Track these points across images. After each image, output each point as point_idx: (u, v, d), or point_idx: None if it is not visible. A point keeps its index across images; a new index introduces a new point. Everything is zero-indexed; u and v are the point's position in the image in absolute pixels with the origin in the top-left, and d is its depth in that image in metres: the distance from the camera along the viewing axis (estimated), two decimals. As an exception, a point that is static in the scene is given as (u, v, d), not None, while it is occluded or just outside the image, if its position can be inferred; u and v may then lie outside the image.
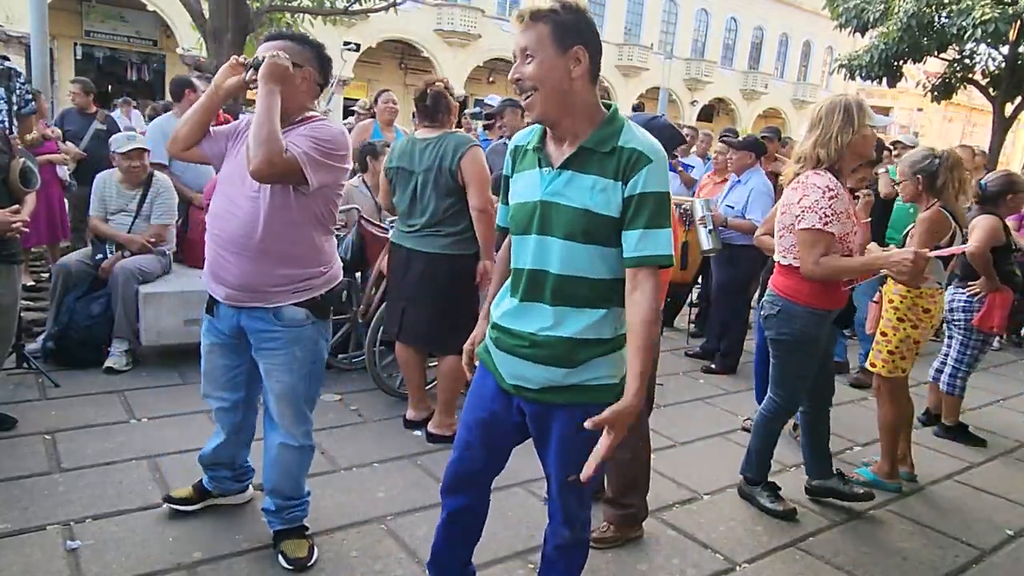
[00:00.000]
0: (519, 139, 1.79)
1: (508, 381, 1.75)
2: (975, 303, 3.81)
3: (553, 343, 1.66)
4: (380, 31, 23.73)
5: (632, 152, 1.59)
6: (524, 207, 1.69)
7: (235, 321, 2.27)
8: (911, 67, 13.88)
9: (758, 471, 3.05)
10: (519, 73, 1.60)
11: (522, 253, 1.70)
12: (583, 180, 1.61)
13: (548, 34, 1.57)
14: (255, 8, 7.98)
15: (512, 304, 1.73)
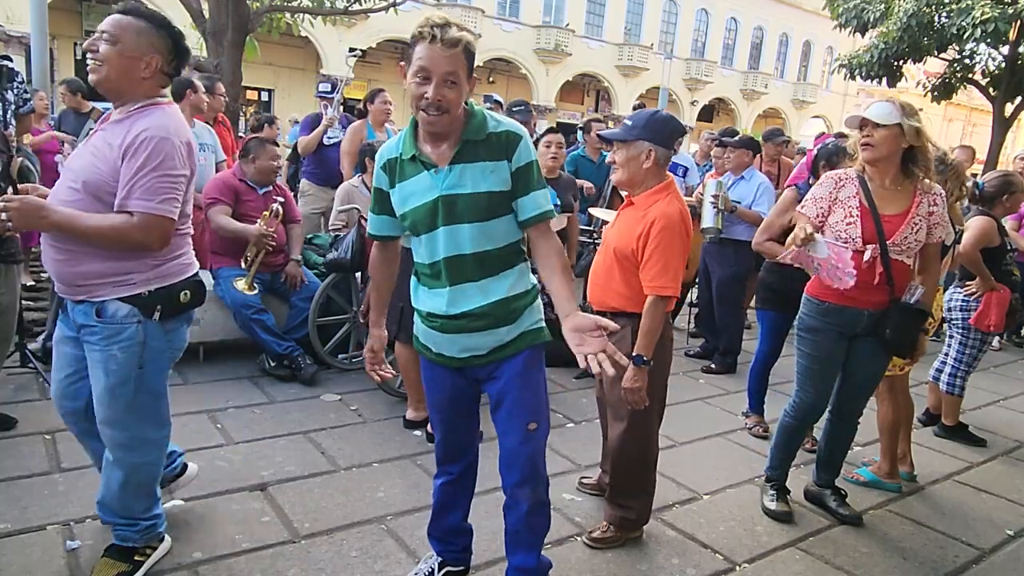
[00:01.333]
0: (388, 153, 1.94)
1: (459, 356, 1.98)
2: (972, 302, 3.81)
3: (491, 310, 1.91)
4: (380, 31, 23.70)
5: (505, 134, 1.86)
6: (421, 208, 1.87)
7: (72, 314, 2.13)
8: (911, 67, 13.88)
9: (771, 465, 3.08)
10: (442, 96, 1.74)
11: (432, 246, 1.89)
12: (476, 167, 1.84)
13: (464, 61, 1.77)
14: (255, 8, 7.97)
15: (443, 293, 1.92)
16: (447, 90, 1.75)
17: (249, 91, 22.11)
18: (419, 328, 2.06)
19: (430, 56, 1.74)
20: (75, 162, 2.06)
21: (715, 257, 5.03)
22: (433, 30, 1.74)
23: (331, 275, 4.23)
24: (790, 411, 2.99)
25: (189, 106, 4.78)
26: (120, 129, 1.99)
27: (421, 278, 2.01)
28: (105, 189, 1.98)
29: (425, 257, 1.94)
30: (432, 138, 1.86)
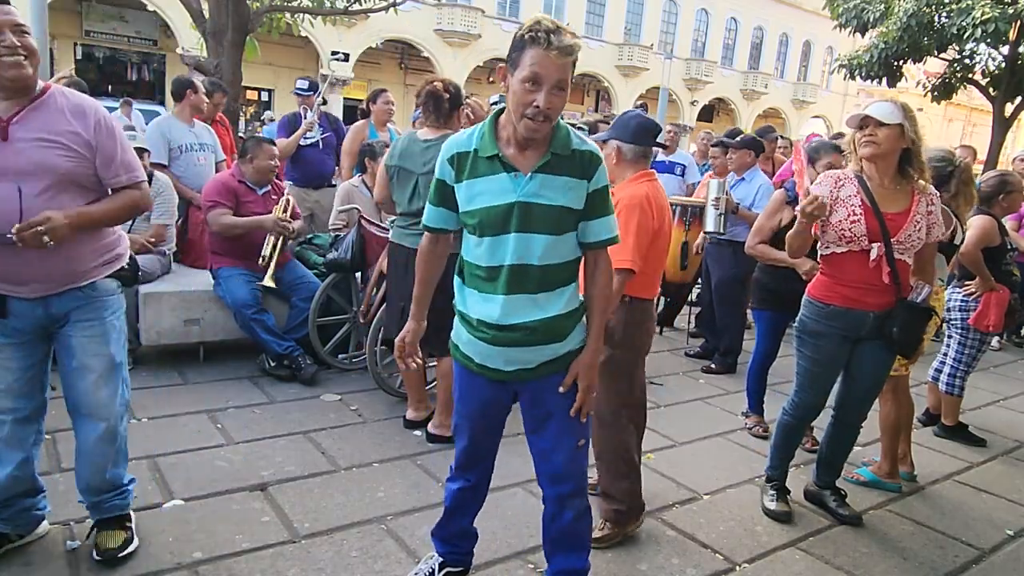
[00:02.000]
0: (457, 146, 1.88)
1: (507, 369, 1.93)
2: (971, 302, 3.81)
3: (547, 325, 1.88)
4: (380, 31, 23.73)
5: (589, 154, 1.86)
6: (495, 209, 1.82)
7: (39, 312, 2.08)
8: (911, 67, 13.87)
9: (771, 465, 3.07)
10: (551, 105, 1.72)
11: (498, 250, 1.84)
12: (556, 181, 1.82)
13: (572, 69, 1.75)
14: (255, 8, 7.96)
15: (497, 300, 1.86)
16: (555, 98, 1.73)
17: (249, 91, 22.12)
18: (462, 337, 1.99)
19: (543, 63, 1.70)
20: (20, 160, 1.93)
21: (715, 258, 5.04)
22: (549, 36, 1.69)
23: (331, 275, 4.23)
24: (789, 410, 2.99)
25: (189, 106, 4.79)
26: (56, 117, 1.99)
27: (471, 280, 1.94)
28: (85, 175, 2.05)
29: (484, 259, 1.87)
30: (521, 143, 1.82)
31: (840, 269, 2.73)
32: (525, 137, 1.79)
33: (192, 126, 4.80)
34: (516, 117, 1.77)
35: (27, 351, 2.14)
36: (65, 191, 2.01)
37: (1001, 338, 6.58)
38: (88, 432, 2.22)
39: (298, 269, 4.33)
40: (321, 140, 5.48)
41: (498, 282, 1.86)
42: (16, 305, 2.06)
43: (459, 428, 2.14)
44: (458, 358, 2.03)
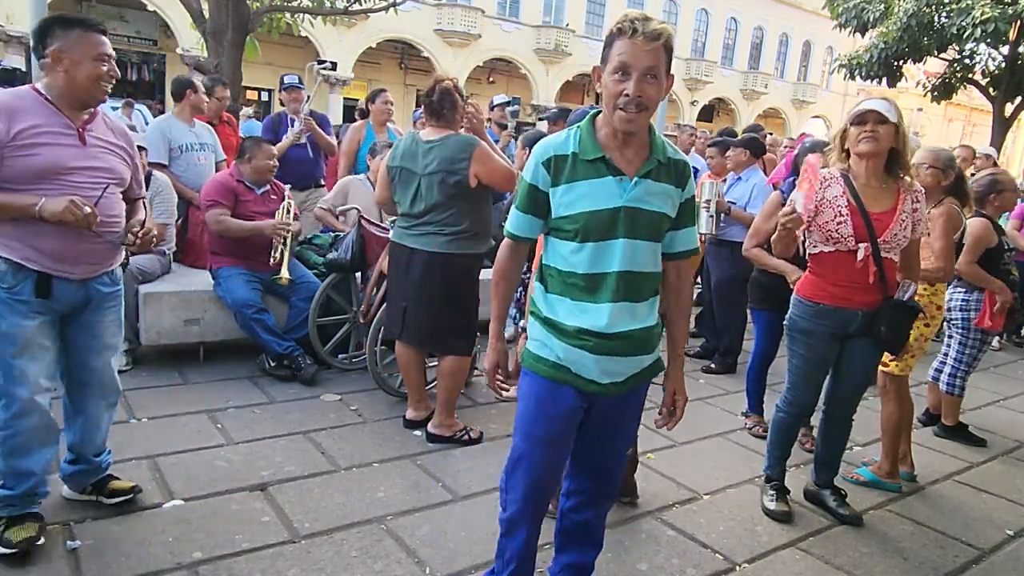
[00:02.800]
0: (555, 149, 1.80)
1: (600, 381, 1.87)
2: (972, 302, 3.81)
3: (644, 334, 1.87)
4: (380, 31, 23.72)
5: (682, 163, 1.86)
6: (600, 213, 1.76)
7: (80, 294, 2.34)
8: (911, 67, 13.89)
9: (768, 464, 3.08)
10: (642, 92, 1.67)
11: (604, 257, 1.79)
12: (658, 187, 1.81)
13: (664, 57, 1.70)
14: (255, 8, 7.97)
15: (602, 309, 1.80)
16: (647, 86, 1.68)
17: (249, 91, 22.11)
18: (555, 347, 1.85)
19: (631, 51, 1.66)
20: (97, 161, 2.31)
21: (714, 258, 5.05)
22: (634, 23, 1.66)
23: (331, 275, 4.23)
24: (783, 407, 3.00)
25: (189, 106, 4.79)
26: (107, 131, 2.39)
27: (563, 288, 1.84)
28: (127, 182, 2.47)
29: (584, 266, 1.79)
30: (621, 142, 1.78)
31: (828, 268, 2.74)
32: (622, 131, 1.74)
33: (192, 126, 4.79)
34: (610, 112, 1.73)
35: (56, 331, 2.37)
36: (116, 192, 2.40)
37: (1001, 338, 6.58)
38: (100, 404, 2.53)
39: (298, 269, 4.33)
40: (307, 139, 5.38)
41: (603, 290, 1.79)
42: (60, 287, 2.28)
43: (525, 463, 1.92)
44: (545, 371, 1.87)
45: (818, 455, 3.08)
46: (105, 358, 2.48)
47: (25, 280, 2.21)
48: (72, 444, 2.54)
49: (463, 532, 2.63)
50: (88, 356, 2.44)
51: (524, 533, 2.00)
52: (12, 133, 2.12)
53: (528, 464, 1.92)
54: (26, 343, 2.24)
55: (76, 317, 2.39)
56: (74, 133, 2.26)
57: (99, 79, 2.26)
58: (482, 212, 3.39)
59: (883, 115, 2.58)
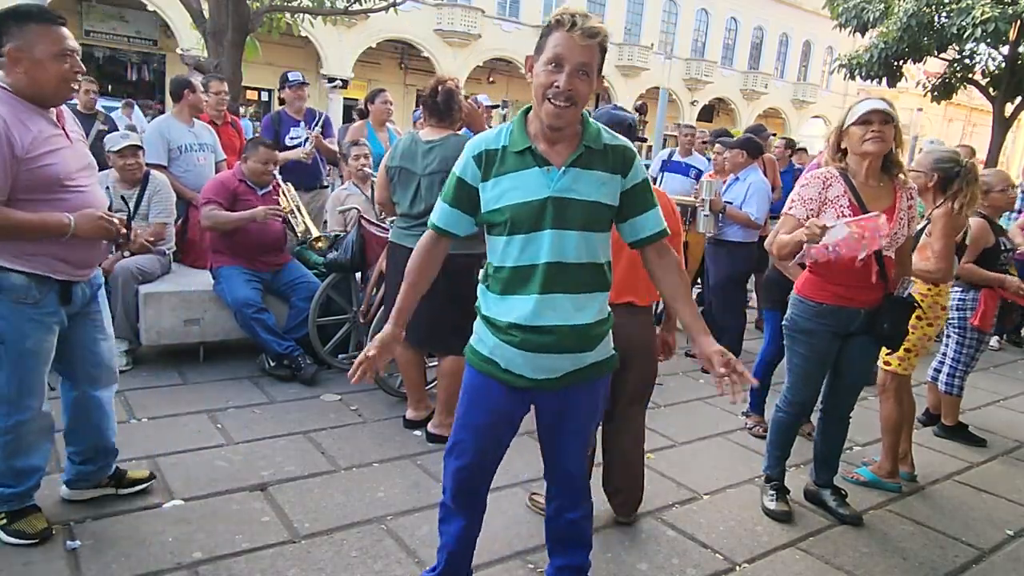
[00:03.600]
0: (486, 143, 1.80)
1: (532, 377, 1.85)
2: (969, 302, 3.81)
3: (578, 331, 1.81)
4: (380, 31, 23.72)
5: (622, 148, 1.82)
6: (528, 205, 1.74)
7: (87, 292, 2.39)
8: (911, 67, 13.86)
9: (768, 464, 3.08)
10: (573, 88, 1.66)
11: (531, 248, 1.76)
12: (590, 175, 1.76)
13: (598, 57, 1.70)
14: (255, 8, 7.97)
15: (530, 300, 1.77)
16: (579, 81, 1.66)
17: (249, 91, 22.13)
18: (488, 342, 1.88)
19: (566, 44, 1.65)
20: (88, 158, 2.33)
21: (712, 258, 5.08)
22: (573, 17, 1.65)
23: (331, 275, 4.23)
24: (783, 406, 3.00)
25: (188, 106, 4.79)
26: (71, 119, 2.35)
27: (500, 283, 1.83)
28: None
29: (515, 259, 1.78)
30: (549, 135, 1.75)
31: (829, 268, 2.73)
32: (550, 125, 1.71)
33: (191, 126, 4.79)
34: (539, 102, 1.71)
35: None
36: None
37: (1001, 338, 6.58)
38: (106, 395, 2.54)
39: (298, 269, 4.33)
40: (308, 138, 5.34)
41: (532, 281, 1.77)
42: (75, 290, 2.32)
43: (460, 445, 1.97)
44: (477, 364, 1.93)
45: (817, 454, 3.09)
46: (108, 348, 2.54)
47: (50, 292, 2.22)
48: (87, 445, 2.53)
49: (463, 532, 2.62)
50: (96, 345, 2.47)
51: (460, 522, 2.04)
52: (26, 145, 2.06)
53: (459, 449, 1.98)
54: (46, 357, 2.28)
55: (82, 312, 2.41)
56: (61, 132, 2.20)
57: (63, 78, 2.14)
58: None
59: (888, 115, 2.59)
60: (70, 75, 2.15)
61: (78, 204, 2.20)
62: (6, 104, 2.08)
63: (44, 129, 2.15)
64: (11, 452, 2.29)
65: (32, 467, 2.36)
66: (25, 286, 2.15)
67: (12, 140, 2.03)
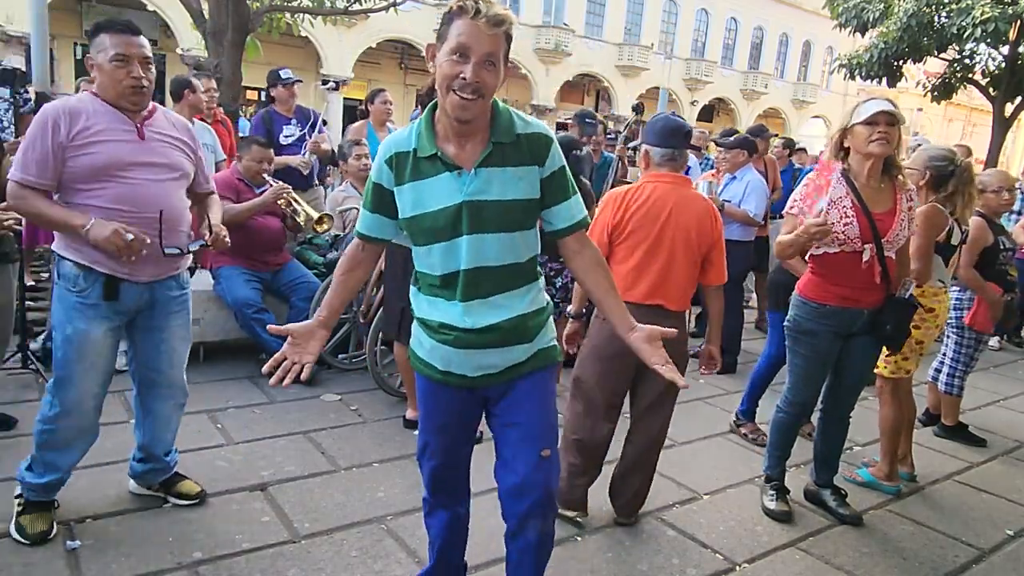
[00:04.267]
0: (396, 146, 1.71)
1: (473, 374, 1.80)
2: (965, 302, 3.81)
3: (510, 326, 1.75)
4: (380, 31, 23.70)
5: (536, 136, 1.70)
6: (442, 213, 1.66)
7: (145, 296, 2.38)
8: (911, 67, 13.85)
9: (768, 464, 3.08)
10: (480, 79, 1.56)
11: (450, 256, 1.70)
12: (504, 173, 1.67)
13: (505, 45, 1.61)
14: (255, 8, 7.96)
15: (456, 307, 1.73)
16: (486, 72, 1.57)
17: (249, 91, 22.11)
18: (423, 344, 1.83)
19: (471, 32, 1.54)
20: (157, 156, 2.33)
21: None
22: (477, 3, 1.53)
23: (331, 275, 4.22)
24: (784, 407, 3.00)
25: (188, 106, 4.79)
26: (168, 126, 2.41)
27: (426, 289, 1.80)
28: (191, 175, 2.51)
29: (437, 267, 1.72)
30: (457, 133, 1.65)
31: (833, 269, 2.73)
32: (456, 118, 1.60)
33: (191, 126, 4.78)
34: (443, 94, 1.59)
35: (117, 334, 2.41)
36: (183, 186, 2.45)
37: (1001, 338, 6.58)
38: (167, 404, 2.58)
39: (298, 269, 4.33)
40: (302, 137, 5.24)
41: (455, 289, 1.72)
42: (127, 289, 2.32)
43: (427, 448, 1.96)
44: (420, 369, 1.88)
45: (817, 454, 3.09)
46: (175, 362, 2.53)
47: (95, 283, 2.27)
48: (141, 443, 2.61)
49: (463, 532, 2.62)
50: (155, 359, 2.49)
51: (443, 514, 2.02)
52: (72, 134, 2.17)
53: (428, 452, 1.98)
54: (87, 350, 2.30)
55: (143, 320, 2.43)
56: (132, 129, 2.29)
57: (119, 81, 2.23)
58: None
59: (895, 116, 2.58)
60: (126, 79, 2.23)
61: (120, 194, 2.23)
62: (80, 101, 2.26)
63: (106, 123, 2.24)
64: (45, 443, 2.37)
65: (59, 464, 2.40)
66: (74, 275, 2.26)
67: (58, 126, 2.17)
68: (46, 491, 2.41)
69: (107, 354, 2.38)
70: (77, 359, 2.30)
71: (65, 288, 2.28)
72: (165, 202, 2.32)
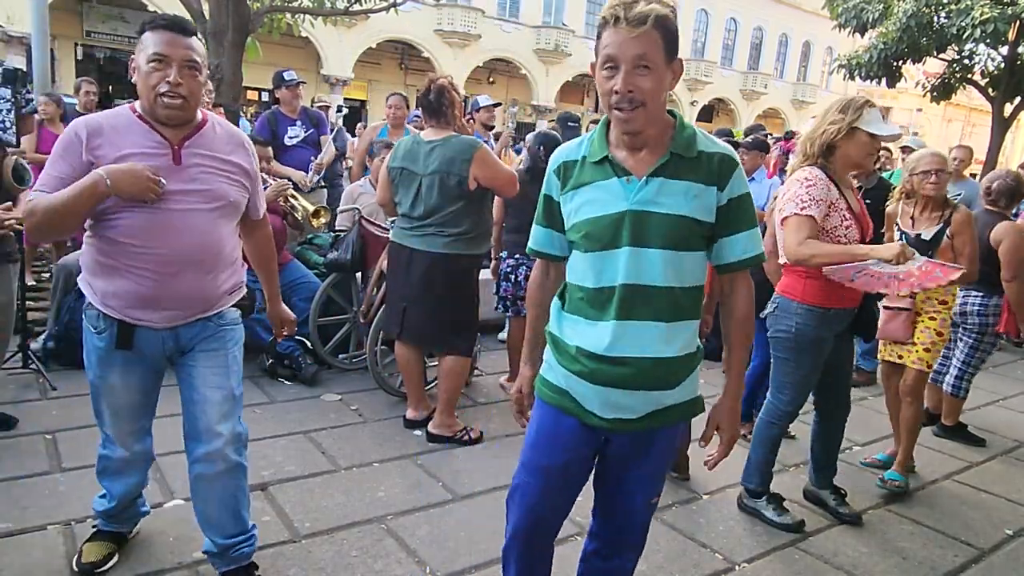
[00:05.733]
0: (566, 155, 1.65)
1: (605, 416, 1.63)
2: (991, 307, 3.77)
3: (660, 365, 1.59)
4: (380, 31, 23.71)
5: (721, 156, 1.58)
6: (604, 219, 1.55)
7: (169, 343, 2.04)
8: (910, 67, 13.87)
9: (760, 481, 2.96)
10: (632, 86, 1.46)
11: (607, 268, 1.57)
12: (676, 186, 1.55)
13: (662, 43, 1.46)
14: (255, 8, 7.97)
15: (606, 326, 1.57)
16: (639, 78, 1.45)
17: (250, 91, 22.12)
18: (556, 369, 1.67)
19: (615, 41, 1.45)
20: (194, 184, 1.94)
21: None
22: (615, 10, 1.44)
23: (331, 275, 4.23)
24: (778, 420, 2.90)
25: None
26: (219, 146, 2.01)
27: (574, 304, 1.64)
28: (243, 203, 2.12)
29: (590, 279, 1.59)
30: (629, 142, 1.56)
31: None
32: (622, 133, 1.54)
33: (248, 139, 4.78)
34: (607, 111, 1.54)
35: (149, 377, 2.13)
36: (227, 217, 2.05)
37: (1000, 338, 6.57)
38: (207, 464, 2.07)
39: (298, 269, 4.33)
40: (310, 142, 5.31)
41: (609, 306, 1.56)
42: (144, 336, 2.00)
43: (521, 491, 1.72)
44: (546, 394, 1.70)
45: (818, 458, 3.07)
46: (209, 414, 2.07)
47: (110, 327, 2.00)
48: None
49: (463, 532, 2.63)
50: (189, 407, 2.11)
51: (512, 570, 1.82)
52: (91, 152, 1.86)
53: (522, 491, 1.74)
54: (109, 398, 2.10)
55: (176, 361, 2.12)
56: (167, 152, 1.92)
57: (152, 91, 1.86)
58: (482, 214, 3.40)
59: None
60: (160, 84, 1.85)
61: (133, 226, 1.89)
62: (108, 116, 1.95)
63: (140, 145, 1.90)
64: (100, 470, 2.25)
65: (109, 491, 2.27)
66: (93, 314, 2.01)
67: (78, 143, 1.87)
68: (107, 519, 2.29)
69: (134, 399, 2.12)
70: (105, 405, 2.11)
71: (88, 325, 2.03)
72: (198, 239, 1.96)
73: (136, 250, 1.90)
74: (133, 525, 2.39)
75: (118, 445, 2.18)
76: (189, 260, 1.95)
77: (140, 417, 2.19)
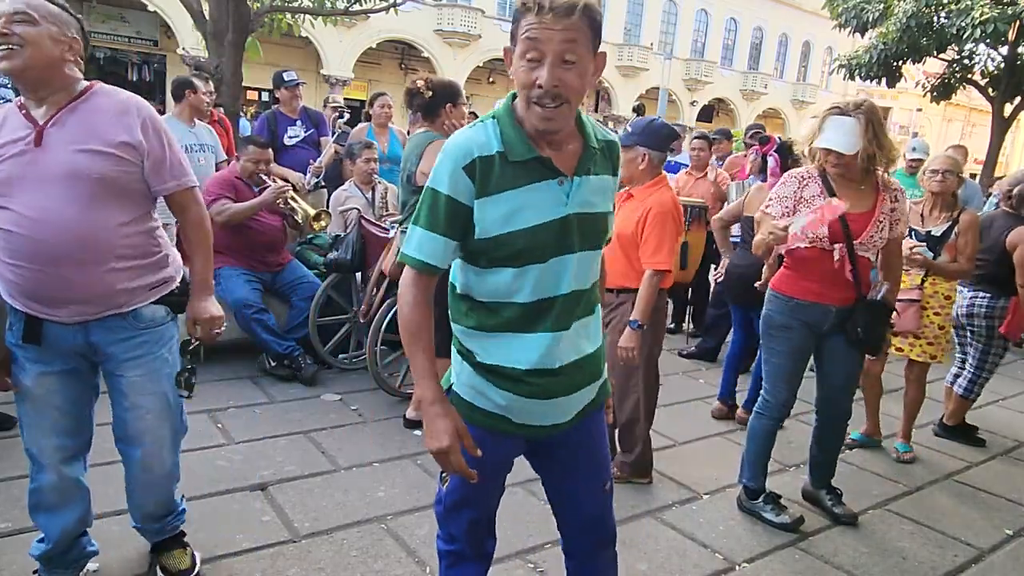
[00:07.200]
0: (478, 148, 1.39)
1: (545, 424, 1.56)
2: (999, 310, 3.76)
3: (593, 359, 1.57)
4: (380, 31, 23.72)
5: (611, 143, 1.54)
6: (544, 228, 1.40)
7: (79, 339, 1.89)
8: (910, 67, 13.89)
9: (752, 475, 2.97)
10: (558, 81, 1.33)
11: (547, 280, 1.43)
12: (597, 183, 1.47)
13: (589, 35, 1.35)
14: (255, 8, 7.97)
15: (544, 339, 1.46)
16: (565, 72, 1.33)
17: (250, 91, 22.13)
18: (495, 397, 1.51)
19: (540, 31, 1.31)
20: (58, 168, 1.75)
21: None
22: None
23: (331, 275, 4.23)
24: (764, 411, 2.92)
25: (189, 107, 4.79)
26: (98, 119, 1.80)
27: (499, 324, 1.47)
28: (131, 182, 1.87)
29: (524, 294, 1.43)
30: (548, 138, 1.42)
31: (804, 265, 2.75)
32: (540, 130, 1.39)
33: (192, 127, 4.79)
34: (524, 105, 1.39)
35: (71, 382, 1.97)
36: (109, 201, 1.82)
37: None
38: (134, 452, 2.06)
39: (298, 269, 4.34)
40: (310, 142, 5.31)
41: (546, 318, 1.45)
42: (53, 330, 1.86)
43: (465, 501, 1.65)
44: (481, 422, 1.53)
45: (815, 459, 3.07)
46: (144, 421, 2.01)
47: (19, 321, 1.86)
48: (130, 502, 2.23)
49: (463, 532, 2.63)
50: (121, 415, 2.03)
51: (475, 568, 1.76)
52: None
53: (470, 502, 1.66)
54: (27, 403, 1.95)
55: (103, 369, 2.01)
56: (30, 134, 1.76)
57: None
58: None
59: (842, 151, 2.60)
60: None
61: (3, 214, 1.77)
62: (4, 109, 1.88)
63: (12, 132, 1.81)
64: (31, 504, 2.06)
65: (47, 533, 2.08)
66: (10, 311, 1.86)
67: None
68: (47, 566, 2.10)
69: (54, 402, 1.94)
70: (24, 411, 1.95)
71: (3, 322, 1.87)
72: (65, 230, 1.76)
73: (8, 244, 1.77)
74: (79, 571, 2.17)
75: (45, 467, 1.99)
76: (62, 254, 1.76)
77: (64, 432, 1.99)
